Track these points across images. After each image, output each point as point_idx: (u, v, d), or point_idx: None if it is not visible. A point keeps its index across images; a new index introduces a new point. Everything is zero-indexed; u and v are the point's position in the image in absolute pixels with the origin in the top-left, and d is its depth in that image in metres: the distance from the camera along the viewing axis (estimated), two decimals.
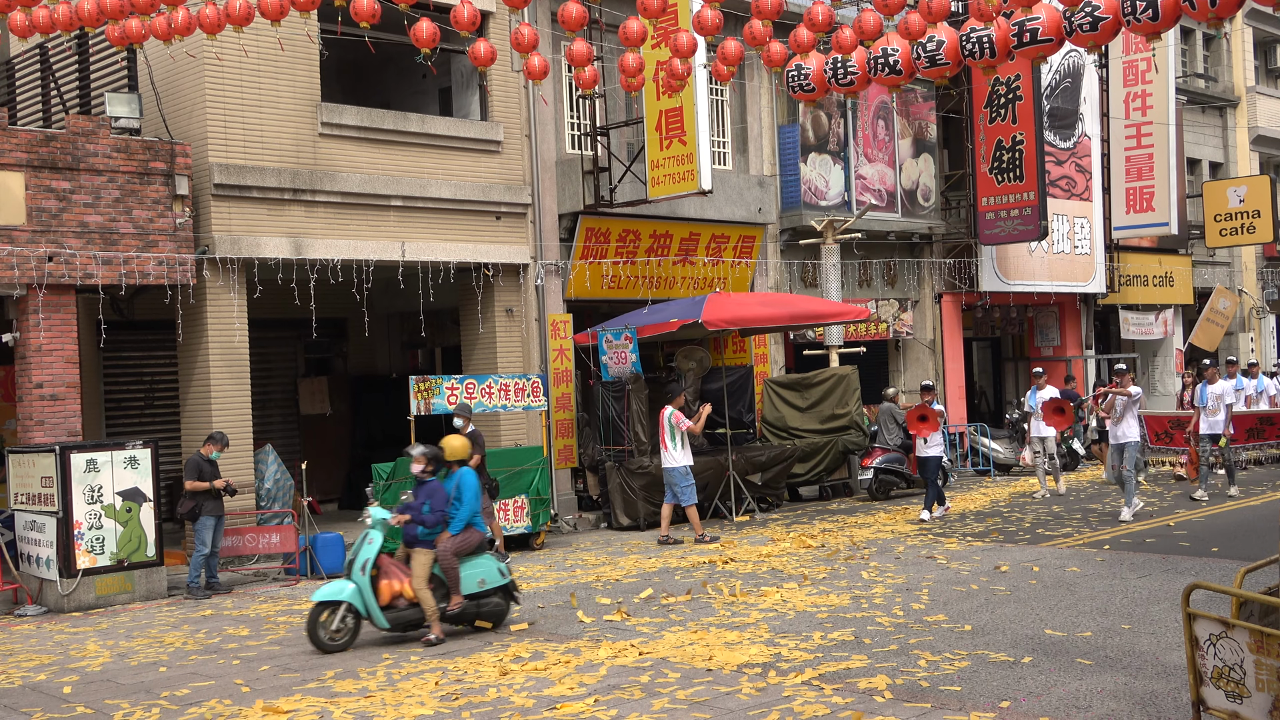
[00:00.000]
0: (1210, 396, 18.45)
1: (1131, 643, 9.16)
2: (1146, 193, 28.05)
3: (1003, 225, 24.32)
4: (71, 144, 14.41)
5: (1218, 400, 18.35)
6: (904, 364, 25.12)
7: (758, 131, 21.84)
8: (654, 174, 18.30)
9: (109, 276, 14.55)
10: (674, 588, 12.47)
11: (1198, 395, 18.88)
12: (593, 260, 19.03)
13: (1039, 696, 7.80)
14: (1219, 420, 18.28)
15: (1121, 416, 16.72)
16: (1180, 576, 11.76)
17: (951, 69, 10.43)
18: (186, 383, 15.81)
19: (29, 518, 13.61)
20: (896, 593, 11.64)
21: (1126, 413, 16.70)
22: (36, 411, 14.23)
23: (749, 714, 7.65)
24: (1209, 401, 18.41)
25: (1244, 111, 34.31)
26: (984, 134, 24.43)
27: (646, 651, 9.49)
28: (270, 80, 15.84)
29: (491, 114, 18.22)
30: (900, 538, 15.37)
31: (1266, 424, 20.01)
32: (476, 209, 17.82)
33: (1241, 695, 5.58)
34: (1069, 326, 28.45)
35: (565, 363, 18.70)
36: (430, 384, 15.60)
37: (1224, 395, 18.42)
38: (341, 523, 17.79)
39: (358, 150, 16.68)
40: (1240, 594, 5.88)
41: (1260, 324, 35.00)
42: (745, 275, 21.36)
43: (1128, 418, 16.70)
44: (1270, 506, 17.00)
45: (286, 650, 10.40)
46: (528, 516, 15.92)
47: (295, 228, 15.98)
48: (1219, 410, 18.33)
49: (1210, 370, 18.71)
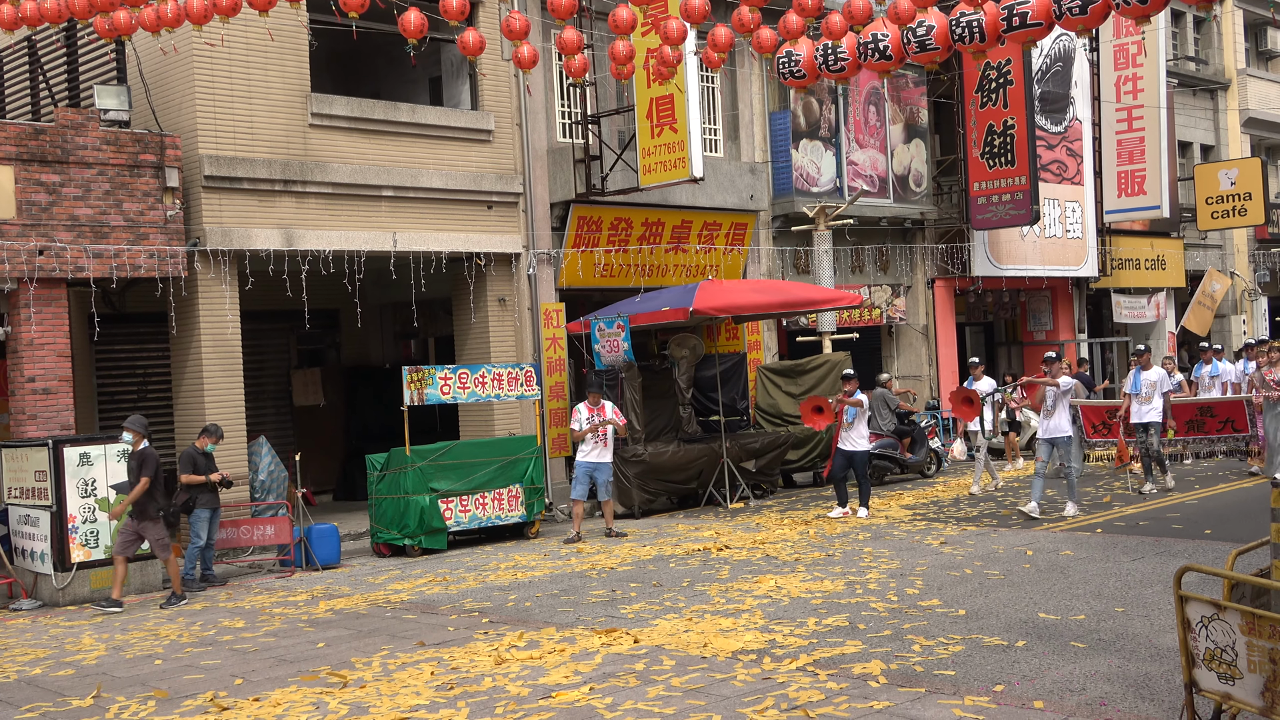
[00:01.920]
0: (1144, 383, 17.16)
1: (1125, 626, 9.19)
2: (1138, 176, 28.06)
3: (994, 210, 24.33)
4: (61, 137, 14.36)
5: (1152, 387, 17.13)
6: (897, 350, 25.14)
7: (749, 118, 21.82)
8: (645, 162, 18.29)
9: (100, 269, 14.51)
10: (669, 576, 12.50)
11: (1130, 381, 17.55)
12: (585, 249, 19.02)
13: (1033, 680, 7.83)
14: (1152, 409, 17.10)
15: (1053, 409, 15.35)
16: (1173, 559, 11.79)
17: (941, 54, 10.43)
18: (179, 375, 15.79)
19: (23, 512, 13.61)
20: (890, 578, 11.67)
21: (1058, 405, 15.35)
22: (29, 405, 14.21)
23: (744, 700, 7.67)
24: (1142, 388, 17.16)
25: (1235, 94, 34.31)
26: (975, 119, 24.42)
27: (641, 639, 9.51)
28: (260, 71, 15.80)
29: (482, 103, 18.18)
30: (894, 523, 15.40)
31: (1208, 415, 18.62)
32: (468, 198, 17.79)
33: (1234, 677, 5.60)
34: (1061, 311, 28.48)
35: (558, 352, 18.70)
36: (424, 374, 15.60)
37: (1160, 383, 17.21)
38: (336, 514, 17.80)
39: (348, 141, 16.64)
40: (1232, 576, 5.90)
41: (1252, 306, 35.05)
42: (738, 262, 21.36)
43: (1059, 411, 15.34)
44: (1263, 489, 17.04)
45: (282, 642, 10.41)
46: (522, 506, 15.93)
47: (286, 219, 15.95)
48: (1152, 398, 17.14)
49: (1145, 355, 17.46)
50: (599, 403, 15.76)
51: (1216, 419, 18.43)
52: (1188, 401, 18.94)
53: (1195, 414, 18.61)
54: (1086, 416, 18.83)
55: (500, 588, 12.45)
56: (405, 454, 15.10)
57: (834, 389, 19.85)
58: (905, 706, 7.36)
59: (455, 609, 11.42)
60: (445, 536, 15.18)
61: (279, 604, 12.37)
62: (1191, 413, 18.61)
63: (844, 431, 16.18)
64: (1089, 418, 18.89)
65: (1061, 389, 15.27)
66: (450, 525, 15.19)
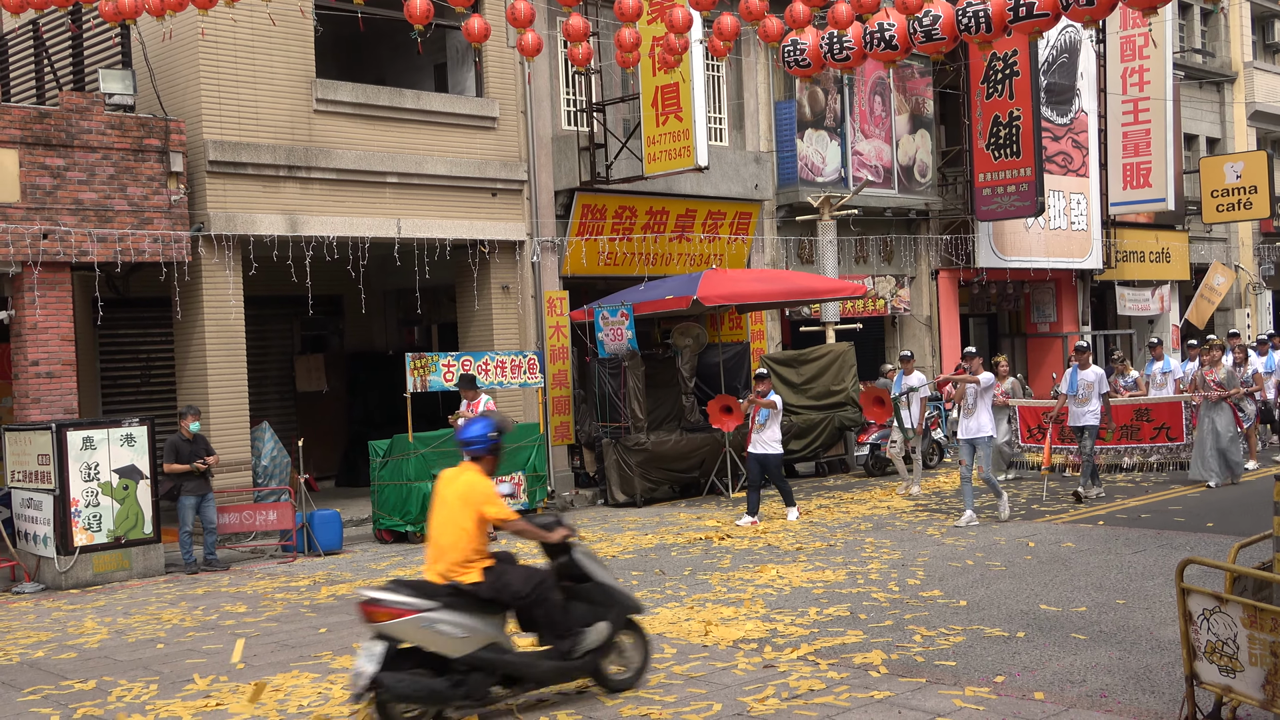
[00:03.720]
0: (1080, 384, 15.98)
1: (1126, 618, 9.19)
2: (1143, 168, 28.02)
3: (999, 201, 24.30)
4: (65, 121, 14.35)
5: (1089, 389, 15.93)
6: (900, 340, 25.13)
7: (754, 107, 21.78)
8: (650, 150, 18.26)
9: (104, 254, 14.51)
10: (670, 564, 12.51)
11: (1066, 382, 16.42)
12: (589, 237, 19.00)
13: (1033, 671, 7.83)
14: (1088, 411, 15.95)
15: (973, 408, 14.40)
16: (1174, 552, 11.79)
17: (948, 44, 10.41)
18: (183, 360, 15.80)
19: (26, 495, 13.62)
20: (892, 568, 11.67)
21: (979, 404, 14.40)
22: (32, 389, 14.22)
23: (745, 689, 7.68)
24: (1079, 389, 15.97)
25: (1241, 87, 34.22)
26: (981, 110, 24.38)
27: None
28: (265, 57, 15.78)
29: (487, 90, 18.16)
30: (896, 513, 15.40)
31: (1144, 419, 17.72)
32: (472, 185, 17.78)
33: (1235, 670, 5.60)
34: (1065, 302, 28.45)
35: (561, 339, 18.70)
36: (426, 361, 15.60)
37: (1097, 384, 15.96)
38: (338, 499, 17.82)
39: (353, 127, 16.62)
40: (1234, 569, 5.90)
41: (1256, 299, 35.01)
42: (741, 252, 21.34)
43: (980, 410, 14.39)
44: (1265, 483, 17.02)
45: (284, 627, 10.42)
46: (524, 493, 15.94)
47: (290, 205, 15.95)
48: (1090, 399, 15.95)
49: (1085, 355, 16.29)
50: (475, 397, 15.06)
51: (1152, 424, 17.68)
52: (1125, 403, 18.15)
53: (1131, 418, 17.93)
54: (1024, 418, 18.30)
55: None
56: (408, 440, 15.10)
57: (836, 380, 19.87)
58: (906, 696, 7.37)
59: None
60: None
61: (281, 589, 12.39)
62: (1128, 416, 17.91)
63: (755, 434, 15.08)
64: (1025, 420, 18.30)
65: (983, 386, 14.41)
66: None
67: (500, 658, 7.26)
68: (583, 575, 7.80)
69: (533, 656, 7.47)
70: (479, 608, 7.28)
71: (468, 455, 7.70)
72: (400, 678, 6.94)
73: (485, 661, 7.17)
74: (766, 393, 15.04)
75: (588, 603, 7.70)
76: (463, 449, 7.70)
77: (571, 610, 7.59)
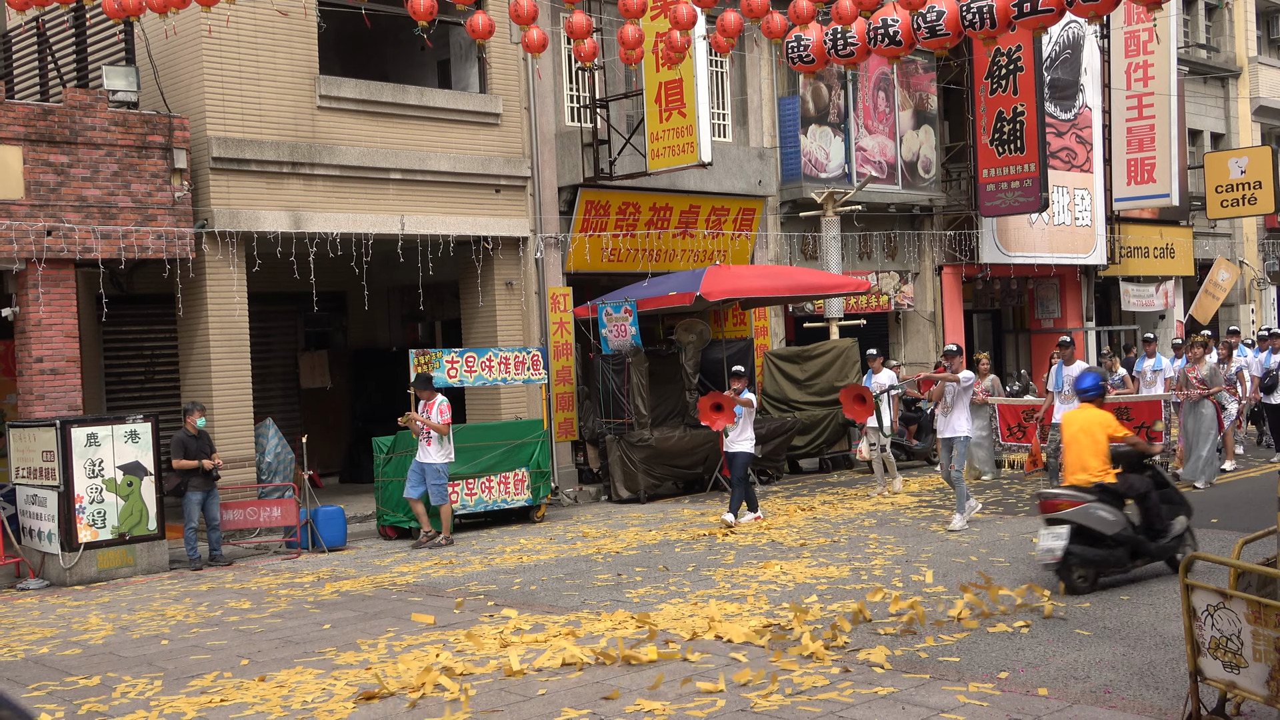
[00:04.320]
0: (1066, 380, 15.34)
1: (1129, 614, 9.19)
2: (1148, 164, 27.98)
3: (1003, 197, 24.27)
4: (69, 118, 14.36)
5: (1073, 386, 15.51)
6: (904, 336, 25.11)
7: (758, 103, 21.76)
8: (654, 146, 18.25)
9: (108, 250, 14.53)
10: (674, 560, 12.51)
11: (1052, 379, 15.77)
12: (592, 233, 19.00)
13: (1037, 667, 7.83)
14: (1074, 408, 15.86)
15: (952, 407, 14.01)
16: None
17: (952, 40, 10.41)
18: (186, 357, 15.82)
19: (30, 492, 13.64)
20: (896, 564, 11.67)
21: (957, 403, 14.00)
22: (37, 386, 14.24)
23: (748, 685, 7.68)
24: (1064, 387, 15.26)
25: (1246, 82, 34.17)
26: (985, 105, 24.35)
27: (646, 623, 9.51)
28: (268, 53, 15.78)
29: (490, 86, 18.15)
30: (900, 509, 15.40)
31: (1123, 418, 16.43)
32: (476, 182, 17.78)
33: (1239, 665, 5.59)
34: (1069, 298, 28.43)
35: (565, 336, 18.70)
36: (430, 357, 15.61)
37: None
38: (342, 496, 17.84)
39: (356, 123, 16.63)
40: (1238, 565, 5.90)
41: (1261, 295, 34.97)
42: (745, 248, 21.33)
43: (958, 409, 14.00)
44: (1269, 479, 17.00)
45: (288, 623, 10.44)
46: (528, 489, 15.93)
47: (294, 201, 15.95)
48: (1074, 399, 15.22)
49: (1068, 350, 15.67)
50: (431, 399, 14.57)
51: (1132, 423, 16.68)
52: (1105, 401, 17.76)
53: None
54: (1003, 417, 17.84)
55: (506, 571, 12.47)
56: (412, 437, 15.11)
57: (841, 376, 19.85)
58: (910, 692, 7.37)
59: (461, 592, 11.44)
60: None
61: (285, 585, 12.40)
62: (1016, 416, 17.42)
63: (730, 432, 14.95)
64: (1005, 418, 17.81)
65: (962, 385, 13.93)
66: (456, 508, 15.21)
67: (1133, 536, 10.03)
68: (1164, 482, 10.48)
69: (1143, 538, 10.15)
70: (1115, 500, 10.11)
71: (1085, 399, 10.95)
72: (1082, 549, 9.75)
73: (1125, 539, 9.95)
74: (741, 390, 14.87)
75: (1169, 504, 10.39)
76: (1080, 396, 11.11)
77: (1162, 508, 10.28)
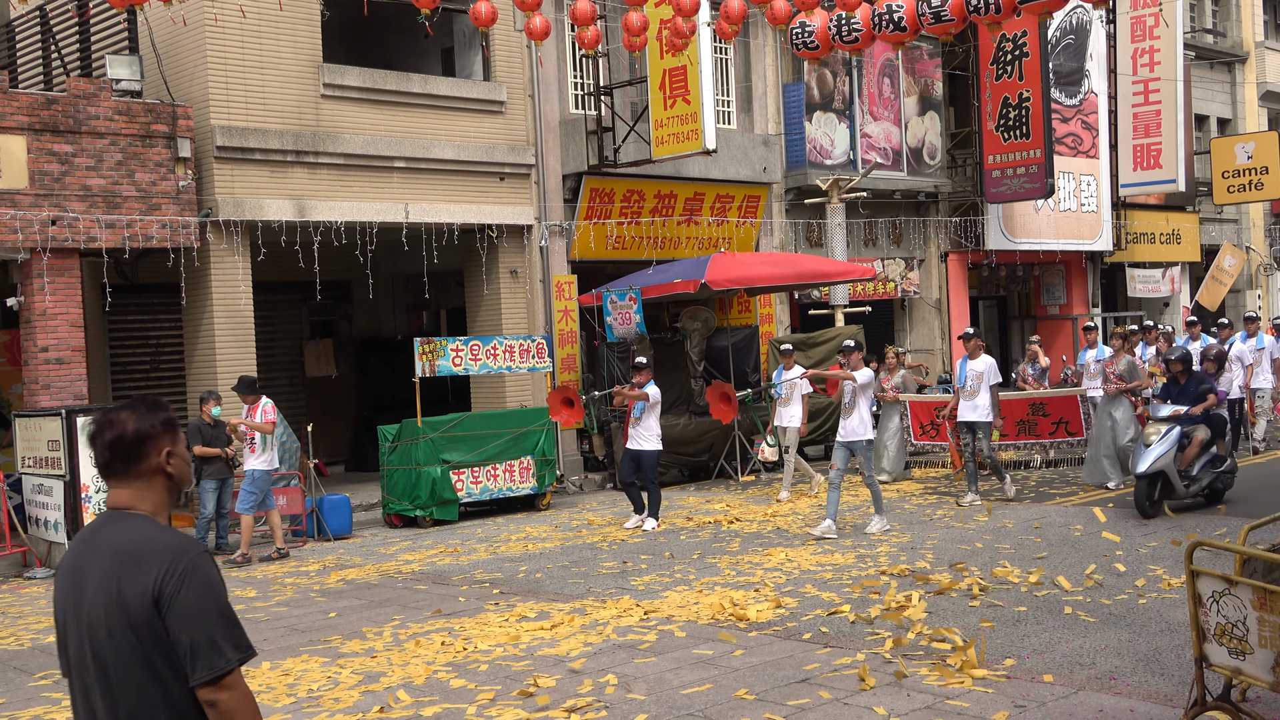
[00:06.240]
0: (969, 375, 14.54)
1: (1135, 600, 9.18)
2: (1154, 150, 27.89)
3: (1009, 183, 24.21)
4: (73, 107, 14.36)
5: (978, 380, 14.45)
6: (910, 323, 25.08)
7: (762, 90, 21.71)
8: (658, 133, 18.22)
9: (112, 240, 14.53)
10: (679, 548, 12.52)
11: (956, 373, 15.16)
12: (597, 221, 18.98)
13: (1043, 654, 7.82)
14: (976, 407, 14.48)
15: (850, 408, 12.87)
16: (1183, 534, 11.76)
17: (956, 26, 10.36)
18: (191, 346, 15.83)
19: (36, 481, 13.67)
20: (901, 551, 11.67)
21: (856, 403, 12.85)
22: (42, 375, 14.25)
23: (753, 671, 7.68)
24: (968, 381, 14.52)
25: (1252, 67, 34.04)
26: (990, 91, 24.28)
27: (651, 611, 9.53)
28: (271, 41, 15.76)
29: (494, 74, 18.12)
30: (905, 496, 15.39)
31: (1040, 414, 16.45)
32: (480, 170, 17.76)
33: (1244, 652, 5.58)
34: (1075, 285, 28.37)
35: (570, 324, 18.69)
36: (435, 346, 15.61)
37: (986, 374, 14.46)
38: (348, 484, 17.86)
39: (360, 111, 16.61)
40: (1244, 551, 5.88)
41: (1267, 281, 34.88)
42: (750, 235, 21.30)
43: (858, 410, 12.84)
44: (1275, 465, 16.98)
45: (294, 611, 10.45)
46: (533, 478, 15.95)
47: (298, 190, 15.94)
48: (979, 391, 14.45)
49: (973, 342, 14.70)
50: (255, 402, 13.54)
51: (1049, 419, 16.46)
52: (1018, 397, 16.84)
53: (1027, 413, 16.71)
54: (915, 414, 17.22)
55: (511, 559, 12.48)
56: (417, 425, 15.13)
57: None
58: (915, 680, 7.37)
59: (466, 580, 11.46)
60: (457, 508, 15.22)
61: (291, 574, 12.42)
62: (1023, 411, 16.68)
63: (631, 428, 14.10)
64: (918, 416, 17.20)
65: (860, 383, 12.81)
66: (462, 497, 15.23)
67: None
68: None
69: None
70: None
71: None
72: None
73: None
74: (643, 384, 14.08)
75: None
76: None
77: None
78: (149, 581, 3.06)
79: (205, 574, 3.11)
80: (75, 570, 3.20)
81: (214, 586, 3.12)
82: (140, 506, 3.23)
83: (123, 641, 3.07)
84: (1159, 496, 12.95)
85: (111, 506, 3.24)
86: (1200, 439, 13.17)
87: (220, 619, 3.09)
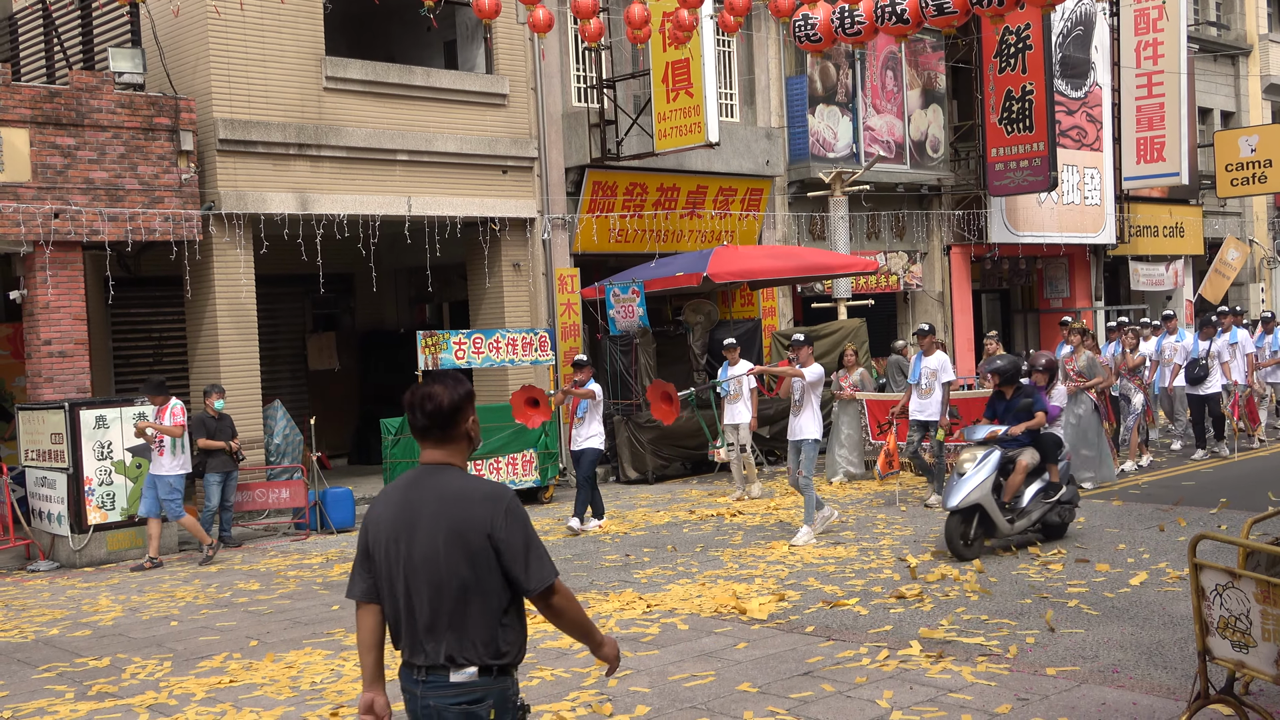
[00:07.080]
0: (924, 372, 14.09)
1: (1138, 593, 9.18)
2: (1157, 142, 27.84)
3: (1012, 176, 24.17)
4: (76, 100, 14.35)
5: (932, 378, 14.03)
6: (912, 316, 25.05)
7: (765, 83, 21.68)
8: (661, 126, 18.19)
9: (115, 233, 14.53)
10: (682, 541, 12.52)
11: (910, 368, 14.65)
12: (600, 214, 18.97)
13: (1045, 646, 7.82)
14: (930, 405, 14.09)
15: (800, 406, 12.39)
16: (1187, 527, 11.76)
17: (959, 18, 10.33)
18: (194, 339, 15.83)
19: (40, 474, 13.68)
20: (904, 544, 11.67)
21: (805, 401, 12.37)
22: (45, 368, 14.26)
23: (756, 664, 7.69)
24: (922, 378, 14.11)
25: (1256, 60, 33.97)
26: (993, 84, 24.23)
27: (654, 604, 9.53)
28: (274, 34, 15.74)
29: (497, 67, 18.10)
30: (909, 489, 15.39)
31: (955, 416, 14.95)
32: (482, 163, 17.74)
33: (1247, 645, 5.58)
34: (1078, 278, 28.34)
35: (573, 317, 18.69)
36: (438, 339, 15.61)
37: (940, 371, 14.02)
38: (351, 477, 17.87)
39: (363, 104, 16.59)
40: (1247, 544, 5.88)
41: (1271, 274, 34.83)
42: (753, 228, 21.29)
43: (807, 408, 12.36)
44: (1278, 459, 16.97)
45: (297, 604, 10.46)
46: (536, 471, 15.96)
47: (301, 183, 15.94)
48: (934, 389, 14.05)
49: (928, 338, 14.22)
50: (164, 404, 13.04)
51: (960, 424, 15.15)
52: (974, 396, 15.75)
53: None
54: (872, 414, 16.64)
55: None
56: None
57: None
58: (918, 672, 7.37)
59: None
60: None
61: (294, 567, 12.43)
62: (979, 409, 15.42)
63: (575, 429, 13.81)
64: (875, 415, 16.58)
65: (809, 380, 12.33)
66: None
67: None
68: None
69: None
70: None
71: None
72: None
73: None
74: (585, 382, 13.73)
75: None
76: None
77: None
78: (483, 520, 3.86)
79: (521, 512, 3.94)
80: (406, 506, 3.95)
81: (528, 522, 3.94)
82: (454, 461, 4.01)
83: (459, 563, 3.85)
84: (975, 535, 10.80)
85: (426, 463, 4.00)
86: (1025, 464, 11.11)
87: (538, 545, 3.93)
